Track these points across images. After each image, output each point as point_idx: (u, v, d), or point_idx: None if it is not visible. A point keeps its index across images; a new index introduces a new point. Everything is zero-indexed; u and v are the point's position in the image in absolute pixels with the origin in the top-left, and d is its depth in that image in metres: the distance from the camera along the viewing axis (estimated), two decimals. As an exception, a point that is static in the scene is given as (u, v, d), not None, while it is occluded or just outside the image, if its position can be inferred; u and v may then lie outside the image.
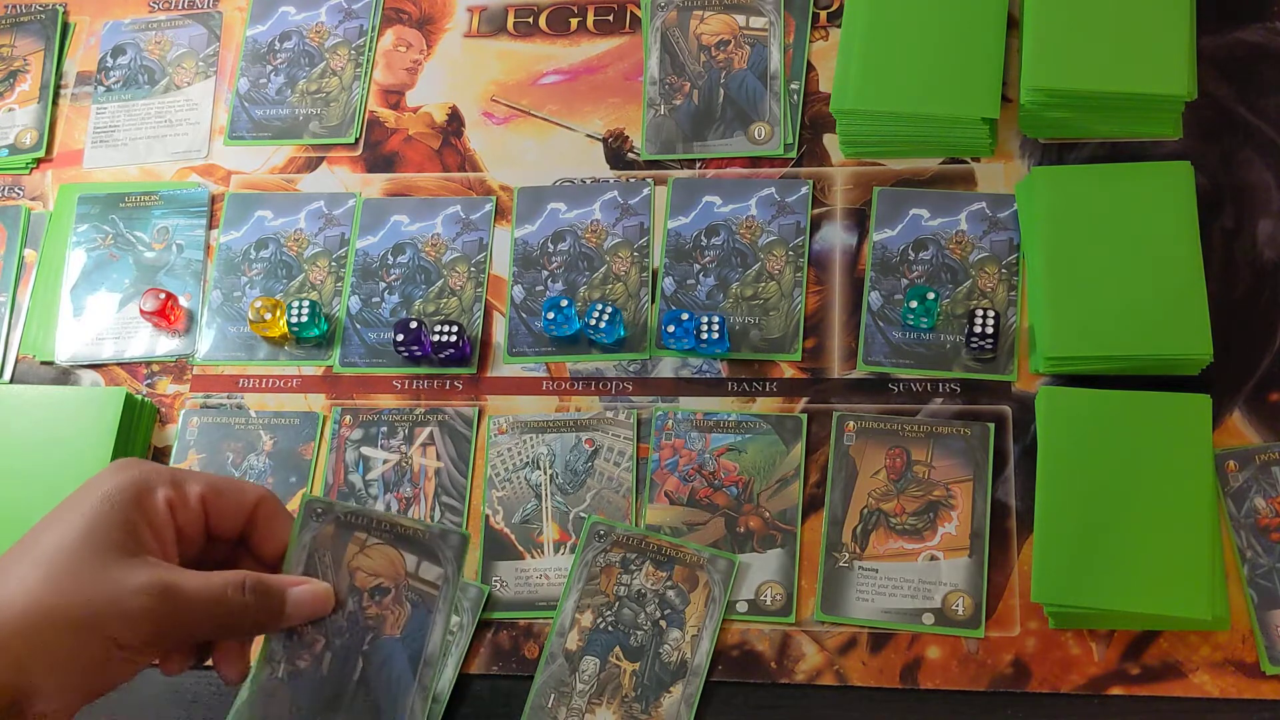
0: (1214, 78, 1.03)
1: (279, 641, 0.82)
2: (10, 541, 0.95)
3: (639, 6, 1.12)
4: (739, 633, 0.92)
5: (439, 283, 1.05)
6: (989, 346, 0.95)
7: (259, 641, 0.82)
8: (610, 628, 0.91)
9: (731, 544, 0.93)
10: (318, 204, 1.09)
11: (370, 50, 1.14)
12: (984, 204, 1.01)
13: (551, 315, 0.99)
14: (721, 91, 1.08)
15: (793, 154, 1.05)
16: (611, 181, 1.06)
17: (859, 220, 1.02)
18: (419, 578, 0.83)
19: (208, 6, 1.18)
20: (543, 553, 0.95)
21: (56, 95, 1.16)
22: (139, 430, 1.01)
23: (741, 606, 0.92)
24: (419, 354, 1.01)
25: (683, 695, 0.89)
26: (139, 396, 1.03)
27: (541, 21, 1.13)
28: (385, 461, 1.00)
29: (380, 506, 0.98)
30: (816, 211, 1.03)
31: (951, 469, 0.93)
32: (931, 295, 0.96)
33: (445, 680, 0.89)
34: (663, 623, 0.91)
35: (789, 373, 0.99)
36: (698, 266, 1.02)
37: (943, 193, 1.02)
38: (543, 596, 0.94)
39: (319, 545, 0.83)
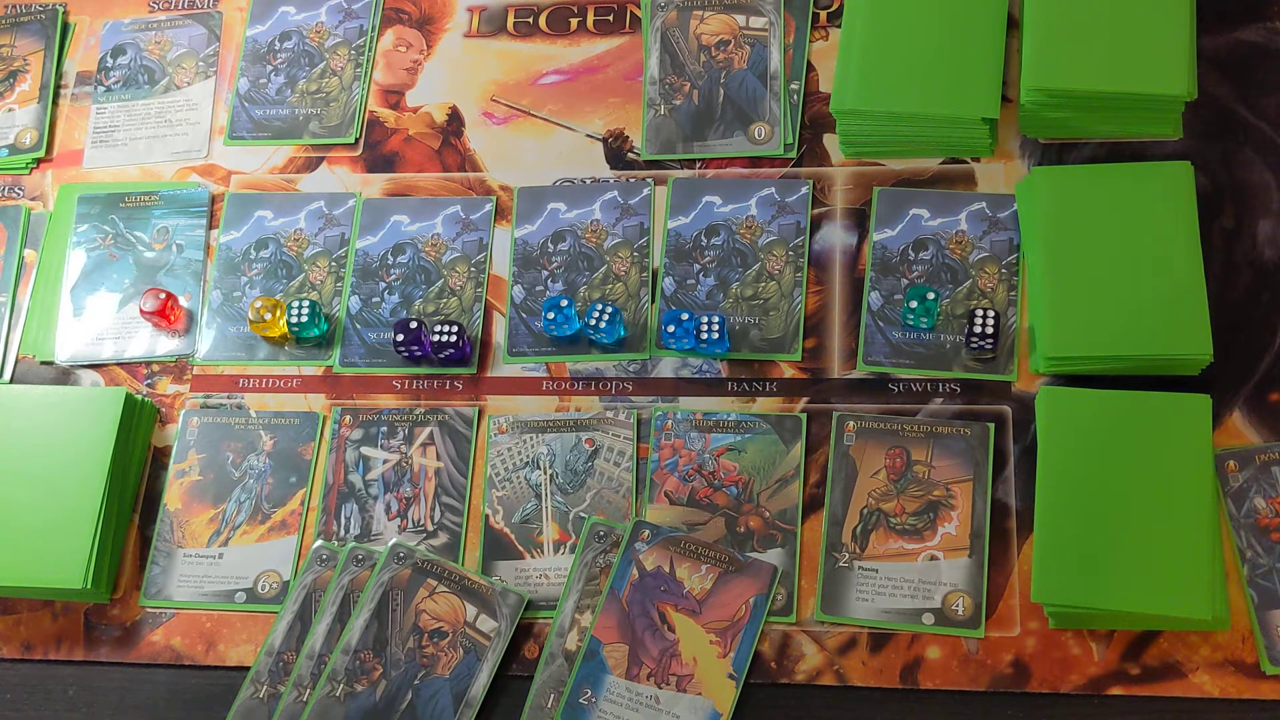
0: (1214, 78, 1.03)
1: (341, 663, 0.90)
2: (10, 540, 0.96)
3: (639, 6, 1.12)
4: (739, 633, 0.92)
5: (439, 283, 1.05)
6: (989, 346, 0.95)
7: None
8: (610, 628, 0.92)
9: (731, 544, 0.93)
10: (318, 204, 1.09)
11: (370, 50, 1.14)
12: (984, 204, 1.01)
13: (551, 315, 0.99)
14: (721, 91, 1.08)
15: (793, 154, 1.05)
16: (611, 181, 1.06)
17: (859, 220, 1.02)
18: (475, 628, 0.91)
19: (208, 6, 1.18)
20: (543, 553, 0.95)
21: (56, 95, 1.16)
22: (139, 430, 1.01)
23: (741, 606, 0.92)
24: (419, 354, 1.01)
25: (683, 695, 0.89)
26: (139, 396, 1.03)
27: (541, 21, 1.13)
28: (385, 461, 1.00)
29: (380, 507, 0.98)
30: (816, 211, 1.03)
31: (951, 469, 0.93)
32: (931, 295, 0.96)
33: (480, 685, 0.90)
34: (663, 623, 0.91)
35: (789, 373, 0.99)
36: (698, 266, 1.02)
37: (943, 193, 1.02)
38: (543, 596, 0.94)
39: (395, 585, 0.93)
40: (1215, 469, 0.89)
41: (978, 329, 0.95)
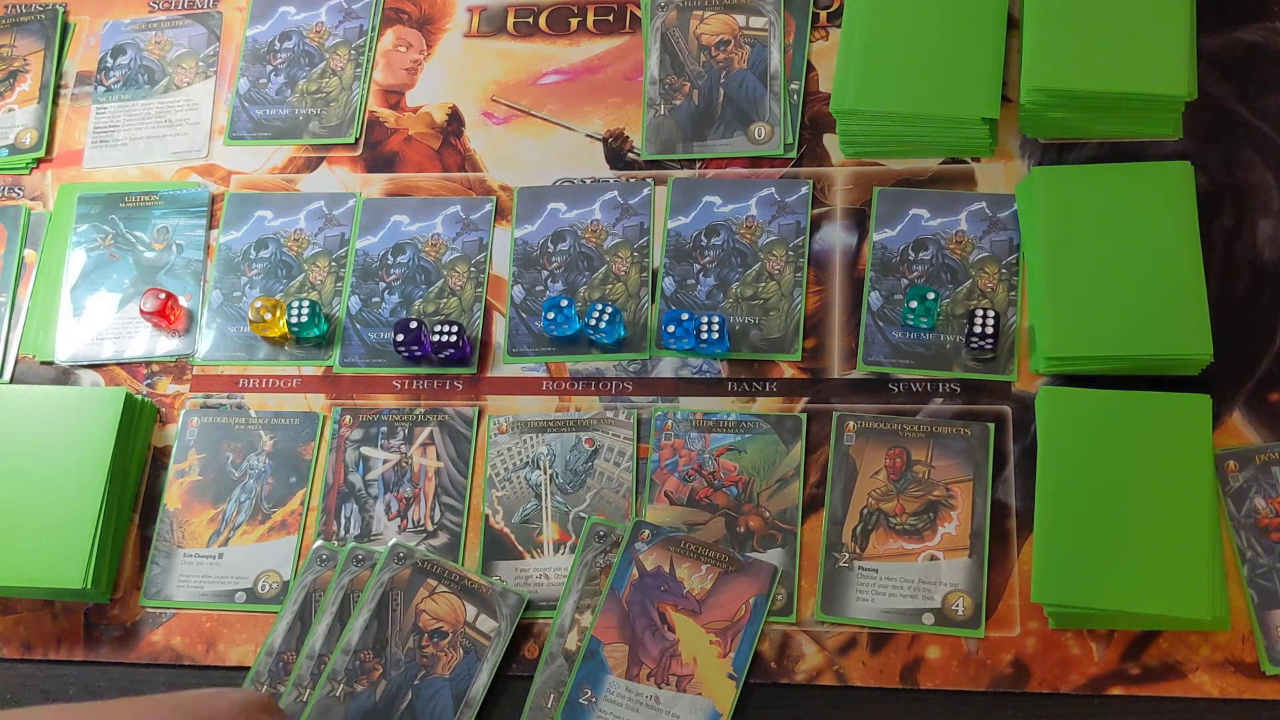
0: (1214, 78, 1.03)
1: (341, 663, 0.90)
2: (10, 540, 0.96)
3: (639, 6, 1.12)
4: (739, 633, 0.92)
5: (439, 283, 1.05)
6: (989, 346, 0.95)
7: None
8: (610, 628, 0.92)
9: (731, 544, 0.93)
10: (318, 204, 1.09)
11: (370, 50, 1.14)
12: (984, 204, 1.01)
13: (551, 315, 0.99)
14: (721, 91, 1.08)
15: (793, 154, 1.05)
16: (611, 181, 1.06)
17: (859, 220, 1.02)
18: (475, 628, 0.92)
19: (208, 6, 1.18)
20: (543, 553, 0.95)
21: (56, 95, 1.16)
22: (139, 430, 1.01)
23: (741, 606, 0.92)
24: (419, 354, 1.01)
25: (683, 695, 0.89)
26: (139, 396, 1.03)
27: (541, 21, 1.13)
28: (385, 461, 1.00)
29: (380, 506, 0.98)
30: (816, 211, 1.03)
31: (951, 469, 0.93)
32: (931, 295, 0.96)
33: (480, 685, 0.90)
34: (663, 623, 0.91)
35: (789, 373, 0.99)
36: (698, 266, 1.02)
37: (943, 193, 1.02)
38: (543, 596, 0.94)
39: (395, 585, 0.93)
40: (1215, 469, 0.90)
41: (978, 329, 0.95)
